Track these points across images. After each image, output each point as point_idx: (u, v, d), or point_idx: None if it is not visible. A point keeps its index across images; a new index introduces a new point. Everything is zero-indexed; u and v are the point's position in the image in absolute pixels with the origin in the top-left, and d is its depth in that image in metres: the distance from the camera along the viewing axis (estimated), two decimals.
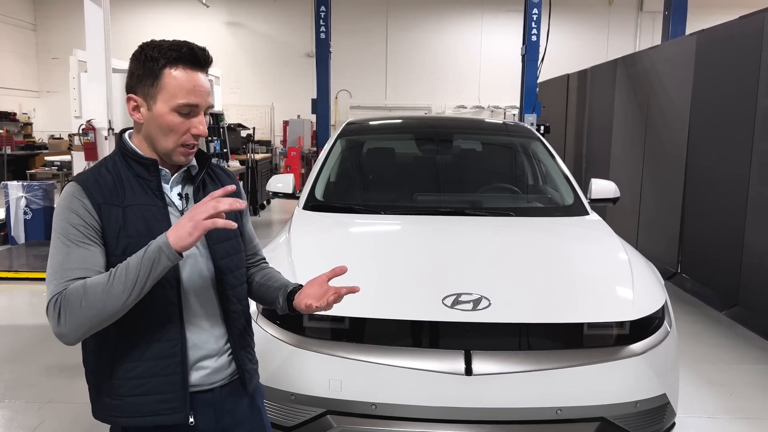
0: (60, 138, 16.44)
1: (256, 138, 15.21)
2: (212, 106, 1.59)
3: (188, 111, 1.53)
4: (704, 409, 3.68)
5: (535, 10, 9.26)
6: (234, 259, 1.71)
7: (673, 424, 2.78)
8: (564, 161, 4.21)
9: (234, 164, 9.79)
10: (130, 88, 1.57)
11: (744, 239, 5.44)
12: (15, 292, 6.15)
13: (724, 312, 5.53)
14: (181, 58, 1.52)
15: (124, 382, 1.55)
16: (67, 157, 10.88)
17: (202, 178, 1.69)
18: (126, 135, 1.63)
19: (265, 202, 12.08)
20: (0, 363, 4.28)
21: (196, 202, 1.61)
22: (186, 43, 1.55)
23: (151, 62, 1.52)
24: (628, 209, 8.17)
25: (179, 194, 1.63)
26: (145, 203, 1.55)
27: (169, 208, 1.59)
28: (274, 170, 13.72)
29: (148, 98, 1.54)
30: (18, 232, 7.91)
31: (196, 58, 1.54)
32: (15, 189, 7.86)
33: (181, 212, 1.61)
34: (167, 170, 1.62)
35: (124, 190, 1.55)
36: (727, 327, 5.19)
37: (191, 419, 1.59)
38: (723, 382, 4.06)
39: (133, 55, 1.57)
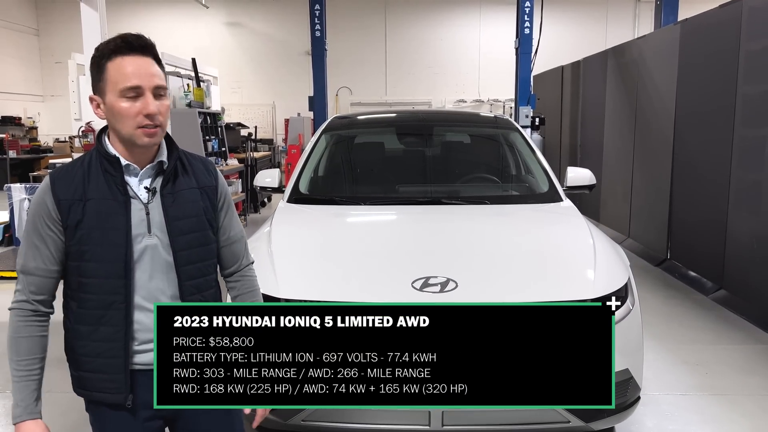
0: (65, 141, 16.61)
1: (259, 137, 15.34)
2: (162, 86, 1.67)
3: (134, 94, 1.63)
4: (678, 386, 3.79)
5: (528, 3, 9.27)
6: (197, 252, 1.78)
7: (638, 398, 2.89)
8: (560, 151, 4.32)
9: (233, 163, 9.93)
10: (92, 89, 1.70)
11: (727, 224, 5.53)
12: None
13: (710, 296, 5.63)
14: (116, 49, 1.63)
15: (79, 357, 1.73)
16: (68, 160, 11.06)
17: (174, 171, 1.77)
18: (105, 133, 1.76)
19: (266, 200, 12.23)
20: (2, 356, 4.44)
21: (163, 194, 1.73)
22: (120, 35, 1.66)
23: (96, 61, 1.66)
24: (620, 198, 8.27)
25: (146, 188, 1.72)
26: (104, 197, 1.67)
27: (133, 201, 1.70)
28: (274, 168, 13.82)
29: (101, 94, 1.67)
30: (22, 232, 8.06)
31: (130, 44, 1.63)
32: (18, 191, 8.04)
33: (145, 205, 1.71)
34: (135, 165, 1.72)
35: (89, 185, 1.68)
36: (710, 310, 5.29)
37: (129, 402, 1.72)
38: (699, 361, 4.17)
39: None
